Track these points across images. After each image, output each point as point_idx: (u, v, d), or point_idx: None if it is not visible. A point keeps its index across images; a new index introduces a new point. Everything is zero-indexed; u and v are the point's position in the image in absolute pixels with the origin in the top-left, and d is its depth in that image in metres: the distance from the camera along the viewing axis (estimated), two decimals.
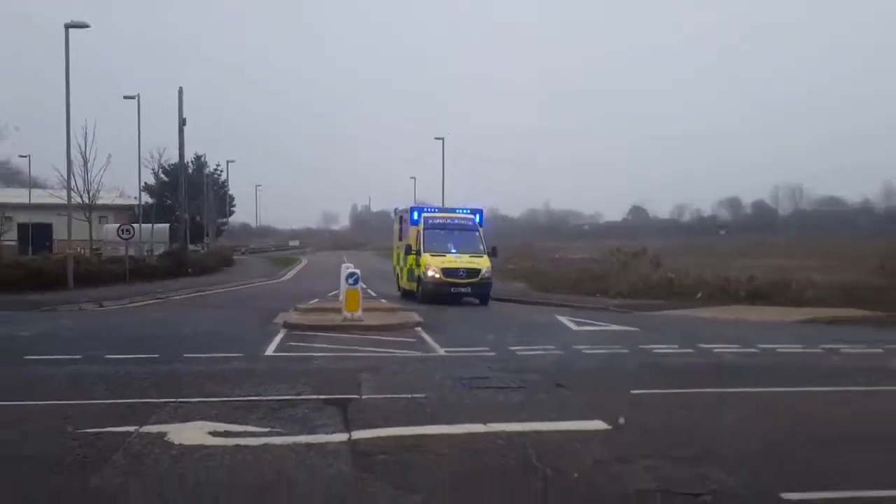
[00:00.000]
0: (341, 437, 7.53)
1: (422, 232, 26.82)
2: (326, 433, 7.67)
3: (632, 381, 11.11)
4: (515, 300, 29.13)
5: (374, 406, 9.15)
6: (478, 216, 29.01)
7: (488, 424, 8.03)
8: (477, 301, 26.17)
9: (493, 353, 14.06)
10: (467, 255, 26.22)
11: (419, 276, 26.33)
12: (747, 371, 12.41)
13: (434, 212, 29.32)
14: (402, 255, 29.38)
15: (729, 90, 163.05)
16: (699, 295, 26.89)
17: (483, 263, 26.20)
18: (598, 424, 8.05)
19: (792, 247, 48.37)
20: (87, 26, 30.86)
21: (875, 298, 23.69)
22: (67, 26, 30.38)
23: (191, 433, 7.55)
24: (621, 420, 8.19)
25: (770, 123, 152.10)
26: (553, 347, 14.66)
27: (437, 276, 25.47)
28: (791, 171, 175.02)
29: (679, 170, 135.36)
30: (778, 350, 14.75)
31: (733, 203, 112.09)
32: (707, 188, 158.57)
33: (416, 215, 28.17)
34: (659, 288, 29.01)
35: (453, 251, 26.34)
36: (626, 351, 14.47)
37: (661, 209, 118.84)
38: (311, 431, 7.73)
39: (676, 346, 15.09)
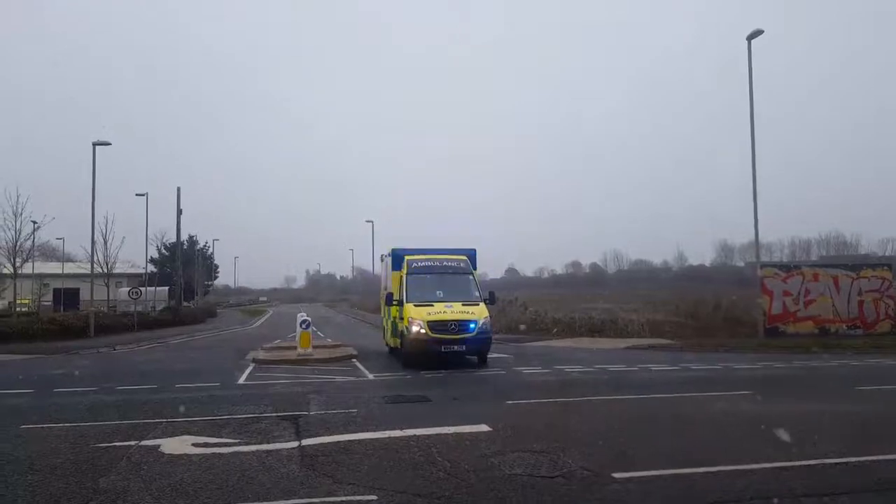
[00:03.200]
0: (293, 444, 7.23)
1: (405, 278, 16.28)
2: (281, 441, 7.36)
3: (506, 394, 11.10)
4: None
5: (319, 419, 8.83)
6: (468, 259, 17.36)
7: (404, 430, 7.86)
8: (475, 360, 15.69)
9: (409, 377, 13.82)
10: (459, 304, 15.53)
11: (402, 331, 15.81)
12: (587, 384, 12.61)
13: (419, 254, 17.36)
14: (384, 306, 19.54)
15: (565, 176, 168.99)
16: (555, 330, 27.33)
17: (479, 313, 15.36)
18: (483, 427, 7.97)
19: (616, 295, 49.94)
20: (109, 144, 31.04)
21: (674, 332, 24.67)
22: (95, 144, 30.23)
23: (178, 445, 7.16)
24: (499, 424, 8.16)
25: (596, 202, 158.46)
26: (450, 371, 14.56)
27: (423, 331, 14.86)
28: (613, 239, 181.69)
29: (541, 239, 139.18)
30: (609, 368, 15.06)
31: (576, 265, 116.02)
32: (557, 252, 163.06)
33: (398, 259, 17.43)
34: (526, 325, 29.35)
35: (442, 300, 15.66)
36: (503, 372, 14.50)
37: (527, 269, 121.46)
38: (271, 441, 7.40)
39: (539, 367, 15.20)
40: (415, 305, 15.49)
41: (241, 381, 13.57)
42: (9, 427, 8.56)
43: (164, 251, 64.96)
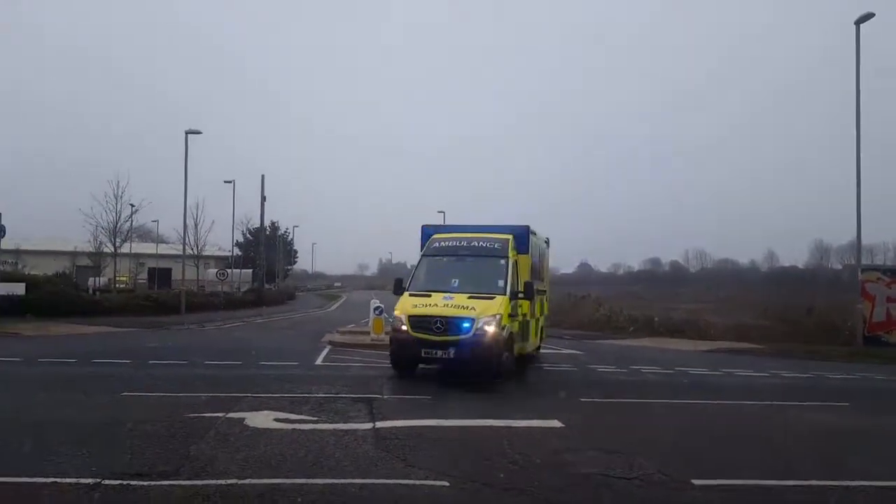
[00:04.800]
0: (367, 425, 7.44)
1: (420, 260, 12.75)
2: (357, 422, 7.58)
3: (579, 391, 10.94)
4: None
5: (391, 403, 9.06)
6: (513, 238, 12.60)
7: (474, 420, 7.92)
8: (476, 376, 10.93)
9: None
10: (464, 296, 11.25)
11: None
12: (665, 386, 12.23)
13: (451, 231, 13.36)
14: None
15: (645, 171, 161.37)
16: (631, 329, 26.63)
17: (485, 309, 10.91)
18: (555, 423, 7.90)
19: (698, 295, 48.05)
20: (200, 132, 32.24)
21: (761, 336, 23.45)
22: (187, 132, 31.54)
23: (261, 419, 7.51)
24: (571, 420, 8.07)
25: (679, 197, 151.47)
26: (526, 366, 14.47)
27: (405, 328, 11.10)
28: (696, 236, 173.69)
29: (615, 234, 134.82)
30: (689, 371, 14.54)
31: (654, 262, 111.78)
32: (635, 248, 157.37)
33: (425, 239, 13.25)
34: (600, 323, 28.75)
35: (455, 289, 11.56)
36: (575, 369, 14.29)
37: (601, 265, 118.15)
38: (346, 421, 7.65)
39: (613, 366, 14.87)
40: (410, 295, 11.70)
41: (319, 361, 14.08)
42: (113, 392, 9.29)
43: (248, 236, 67.92)
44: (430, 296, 11.48)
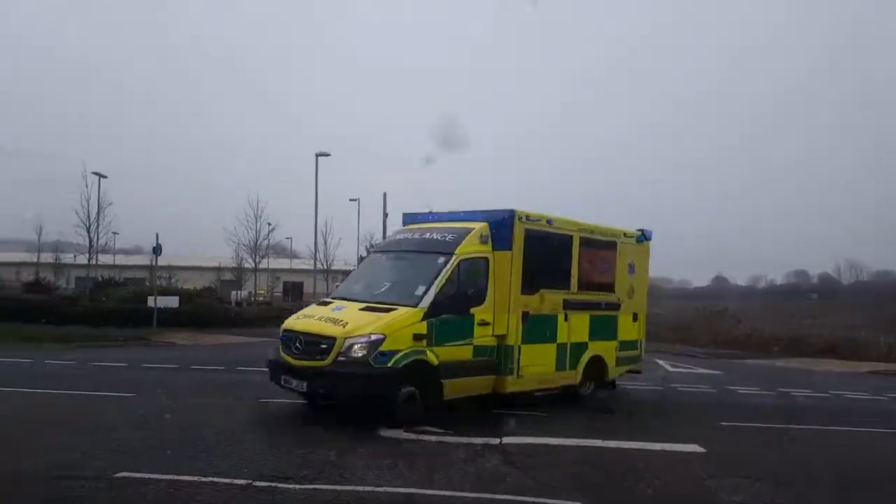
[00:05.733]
0: (494, 440, 7.44)
1: (364, 258, 9.81)
2: (483, 436, 7.58)
3: (719, 414, 10.25)
4: None
5: (516, 419, 8.88)
6: (485, 228, 9.02)
7: (605, 440, 7.67)
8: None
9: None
10: (358, 306, 8.28)
11: None
12: (817, 411, 11.17)
13: (423, 220, 10.01)
14: None
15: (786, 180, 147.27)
16: (776, 348, 24.61)
17: (364, 325, 7.74)
18: (694, 447, 7.46)
19: (853, 311, 43.43)
20: (329, 155, 34.47)
21: None
22: (317, 155, 33.73)
23: (393, 430, 7.67)
24: (712, 445, 7.59)
25: (828, 205, 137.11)
26: (654, 384, 13.84)
27: (279, 347, 8.56)
28: (848, 247, 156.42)
29: (754, 244, 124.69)
30: (846, 395, 13.18)
31: (800, 275, 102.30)
32: (777, 261, 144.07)
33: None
34: (739, 340, 26.82)
35: (362, 297, 8.66)
36: (713, 390, 13.43)
37: (739, 277, 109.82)
38: (471, 435, 7.64)
39: (756, 388, 13.81)
40: (318, 303, 9.46)
41: None
42: (256, 398, 9.96)
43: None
44: (328, 304, 8.92)
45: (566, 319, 9.79)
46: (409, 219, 10.35)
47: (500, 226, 9.09)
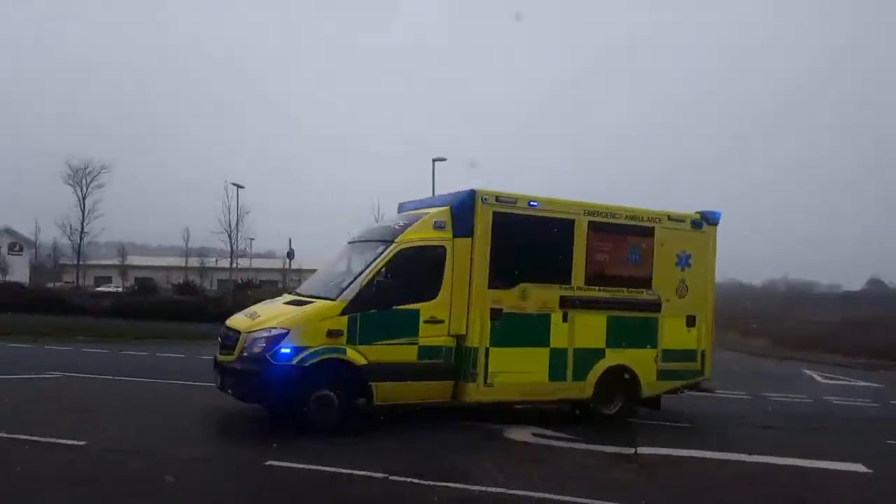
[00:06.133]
0: (628, 450, 7.14)
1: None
2: (616, 445, 7.29)
3: (885, 431, 9.17)
4: (759, 355, 24.99)
5: (650, 428, 8.54)
6: (445, 213, 8.00)
7: (752, 455, 7.09)
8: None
9: (749, 397, 12.40)
10: (283, 301, 8.16)
11: None
12: None
13: (407, 209, 9.21)
14: None
15: None
16: None
17: (271, 319, 7.33)
18: (859, 467, 6.72)
19: None
20: (445, 159, 34.40)
21: None
22: (434, 160, 34.10)
23: (520, 432, 7.65)
24: (881, 465, 6.80)
25: None
26: (803, 396, 12.68)
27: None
28: None
29: None
30: None
31: None
32: None
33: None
34: None
35: (306, 291, 8.38)
36: (875, 405, 12.07)
37: None
38: (604, 443, 7.37)
39: None
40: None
41: None
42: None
43: None
44: (280, 297, 8.70)
45: (566, 320, 8.20)
46: (401, 207, 9.56)
47: (461, 209, 7.96)
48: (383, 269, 7.47)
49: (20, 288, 33.92)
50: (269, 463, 5.82)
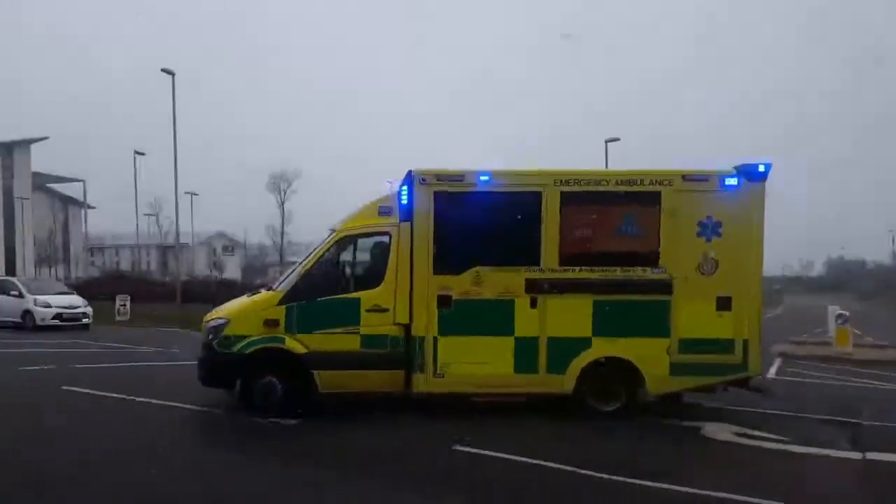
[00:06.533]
0: (855, 455, 6.30)
1: None
2: (837, 449, 6.48)
3: None
4: None
5: (877, 431, 7.49)
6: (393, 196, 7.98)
7: None
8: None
9: None
10: (254, 292, 9.02)
11: None
12: None
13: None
14: None
15: None
16: None
17: (219, 310, 8.26)
18: None
19: None
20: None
21: None
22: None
23: (720, 430, 7.11)
24: None
25: None
26: None
27: None
28: None
29: None
30: None
31: None
32: None
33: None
34: None
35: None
36: None
37: None
38: (822, 446, 6.58)
39: None
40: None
41: (771, 374, 12.67)
42: None
43: None
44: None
45: (534, 306, 7.34)
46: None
47: (403, 192, 7.60)
48: (323, 258, 7.63)
49: (230, 284, 38.56)
50: (455, 448, 6.02)
